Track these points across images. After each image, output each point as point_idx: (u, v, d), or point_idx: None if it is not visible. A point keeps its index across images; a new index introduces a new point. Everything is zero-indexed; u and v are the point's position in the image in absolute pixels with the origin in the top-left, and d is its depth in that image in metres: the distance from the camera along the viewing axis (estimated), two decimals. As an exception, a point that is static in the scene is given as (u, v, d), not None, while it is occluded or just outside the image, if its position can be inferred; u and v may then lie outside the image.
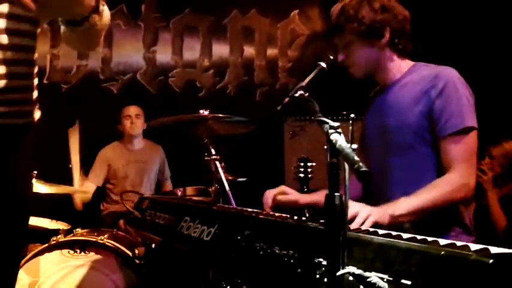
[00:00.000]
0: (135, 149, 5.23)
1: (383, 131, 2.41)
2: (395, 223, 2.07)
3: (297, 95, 1.83)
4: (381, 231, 1.63)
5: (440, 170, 2.25)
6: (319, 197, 2.53)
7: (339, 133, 1.39)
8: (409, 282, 1.27)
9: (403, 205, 2.09)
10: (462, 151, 2.20)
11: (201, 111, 3.53)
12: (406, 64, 2.45)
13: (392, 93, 2.43)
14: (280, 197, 2.47)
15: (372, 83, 2.58)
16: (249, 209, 2.39)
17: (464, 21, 5.14)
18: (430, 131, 2.27)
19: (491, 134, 4.60)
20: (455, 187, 2.17)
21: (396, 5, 2.41)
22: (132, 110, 5.18)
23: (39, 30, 1.77)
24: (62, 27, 1.74)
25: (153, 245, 3.27)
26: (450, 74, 2.30)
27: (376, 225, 1.93)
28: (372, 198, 2.41)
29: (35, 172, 3.72)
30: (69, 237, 3.52)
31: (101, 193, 5.16)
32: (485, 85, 4.94)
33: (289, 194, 2.51)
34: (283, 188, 2.53)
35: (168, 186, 5.40)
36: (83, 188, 4.75)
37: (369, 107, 2.61)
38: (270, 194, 2.49)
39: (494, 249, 1.25)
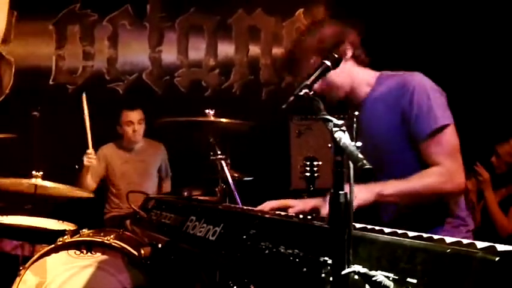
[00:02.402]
0: (134, 148, 5.16)
1: (367, 148, 2.37)
2: (381, 201, 2.17)
3: (301, 93, 1.82)
4: (386, 230, 1.62)
5: None
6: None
7: (343, 131, 1.39)
8: (415, 281, 1.26)
9: (391, 186, 2.17)
10: (442, 149, 2.23)
11: (207, 110, 3.53)
12: (373, 75, 2.49)
13: (366, 110, 2.44)
14: (290, 211, 2.40)
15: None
16: (255, 208, 2.39)
17: (466, 21, 5.14)
18: (410, 138, 2.30)
19: (499, 132, 4.60)
20: (442, 179, 2.19)
21: (343, 23, 2.46)
22: (135, 116, 5.03)
23: None
24: None
25: (159, 245, 3.27)
26: (416, 80, 2.32)
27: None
28: None
29: (41, 172, 3.74)
30: (76, 238, 3.53)
31: (102, 195, 5.14)
32: (493, 84, 4.95)
33: (294, 206, 2.39)
34: (286, 201, 2.44)
35: (167, 186, 5.29)
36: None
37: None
38: (269, 205, 2.41)
39: (500, 247, 1.24)
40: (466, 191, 4.41)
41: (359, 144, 1.34)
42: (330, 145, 1.38)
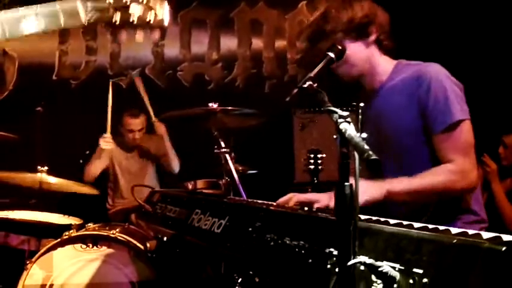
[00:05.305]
0: (136, 144, 5.17)
1: (380, 137, 2.33)
2: (391, 199, 2.10)
3: (305, 85, 1.82)
4: (392, 221, 1.62)
5: None
6: None
7: (349, 122, 1.38)
8: (421, 271, 1.26)
9: (402, 184, 2.12)
10: (455, 146, 2.19)
11: (210, 104, 3.53)
12: (391, 63, 2.43)
13: (382, 98, 2.39)
14: (316, 205, 2.19)
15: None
16: (260, 201, 2.40)
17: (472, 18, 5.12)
18: (424, 131, 2.25)
19: (506, 123, 4.58)
20: (453, 177, 2.16)
21: (376, 6, 2.40)
22: (136, 125, 5.05)
23: None
24: None
25: (165, 238, 3.28)
26: (433, 71, 2.27)
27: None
28: None
29: (46, 167, 3.75)
30: (82, 232, 3.54)
31: (105, 190, 5.16)
32: (500, 75, 4.93)
33: (319, 201, 2.19)
34: (314, 197, 2.26)
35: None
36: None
37: (363, 115, 2.55)
38: (295, 198, 2.26)
39: (506, 237, 1.24)
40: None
41: (364, 135, 1.33)
42: (335, 136, 1.38)
